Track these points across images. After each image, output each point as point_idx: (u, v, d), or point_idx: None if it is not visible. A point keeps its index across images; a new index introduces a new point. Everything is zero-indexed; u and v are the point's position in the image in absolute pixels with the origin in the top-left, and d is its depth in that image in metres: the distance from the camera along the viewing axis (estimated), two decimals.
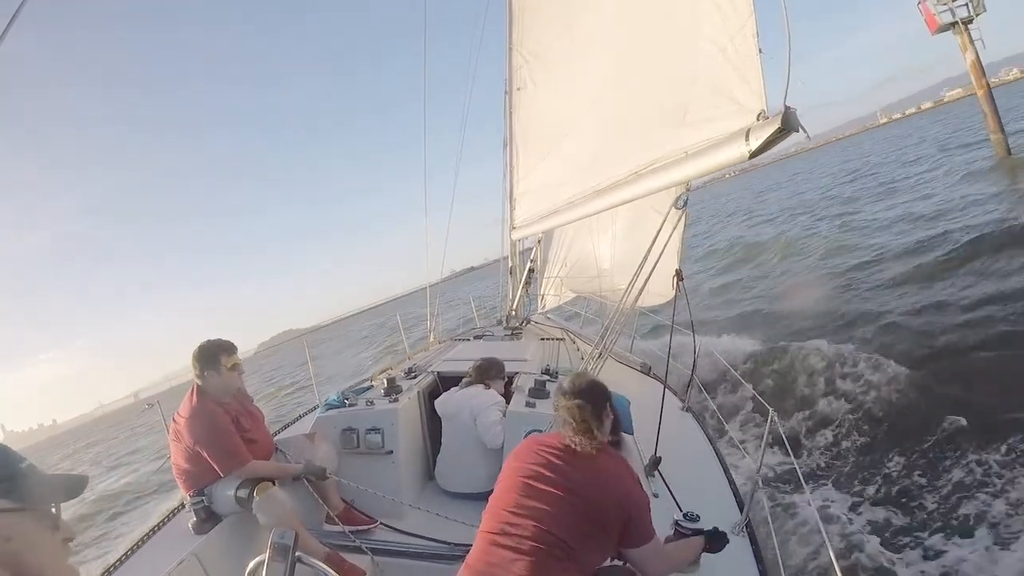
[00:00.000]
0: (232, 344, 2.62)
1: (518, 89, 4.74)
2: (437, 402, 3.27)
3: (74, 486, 0.75)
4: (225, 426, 2.47)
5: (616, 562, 1.72)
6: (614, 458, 1.71)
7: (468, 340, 5.23)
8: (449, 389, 3.33)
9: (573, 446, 1.67)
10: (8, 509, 0.66)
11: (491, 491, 1.69)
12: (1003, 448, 4.34)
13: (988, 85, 17.72)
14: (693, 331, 3.57)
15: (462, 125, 6.78)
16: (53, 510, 0.72)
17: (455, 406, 3.15)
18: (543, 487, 1.61)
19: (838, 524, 4.07)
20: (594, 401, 1.71)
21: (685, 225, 3.43)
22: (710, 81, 2.09)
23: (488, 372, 3.28)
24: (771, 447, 2.28)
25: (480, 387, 3.20)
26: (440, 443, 3.23)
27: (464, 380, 3.30)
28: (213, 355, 2.52)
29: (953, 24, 17.28)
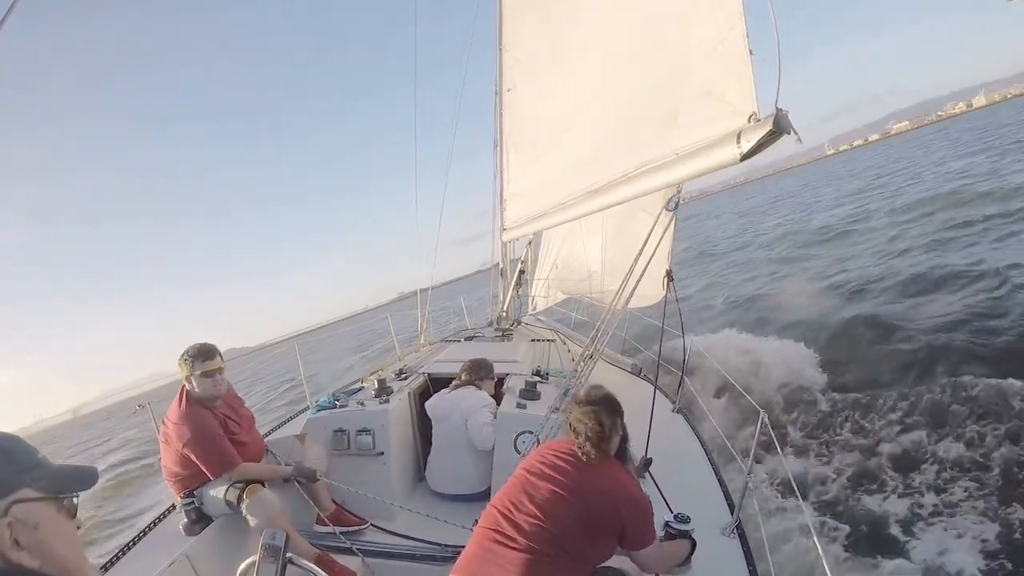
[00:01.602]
0: (210, 349, 2.54)
1: (508, 90, 4.74)
2: (428, 404, 3.26)
3: (87, 477, 0.78)
4: (213, 429, 2.45)
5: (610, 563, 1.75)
6: (620, 468, 1.76)
7: (459, 342, 5.22)
8: (440, 390, 3.32)
9: (581, 453, 1.70)
10: (35, 499, 0.69)
11: (482, 492, 1.70)
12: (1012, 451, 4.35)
13: None
14: (683, 332, 3.57)
15: (452, 126, 6.77)
16: (73, 500, 0.75)
17: (445, 408, 3.14)
18: (545, 485, 1.64)
19: (828, 525, 4.10)
20: (607, 414, 1.74)
21: (675, 227, 3.44)
22: (701, 83, 2.09)
23: (478, 372, 3.28)
24: (761, 448, 2.30)
25: (471, 388, 3.20)
26: (431, 444, 3.22)
27: (454, 382, 3.30)
28: (190, 361, 2.49)
29: None
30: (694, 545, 1.89)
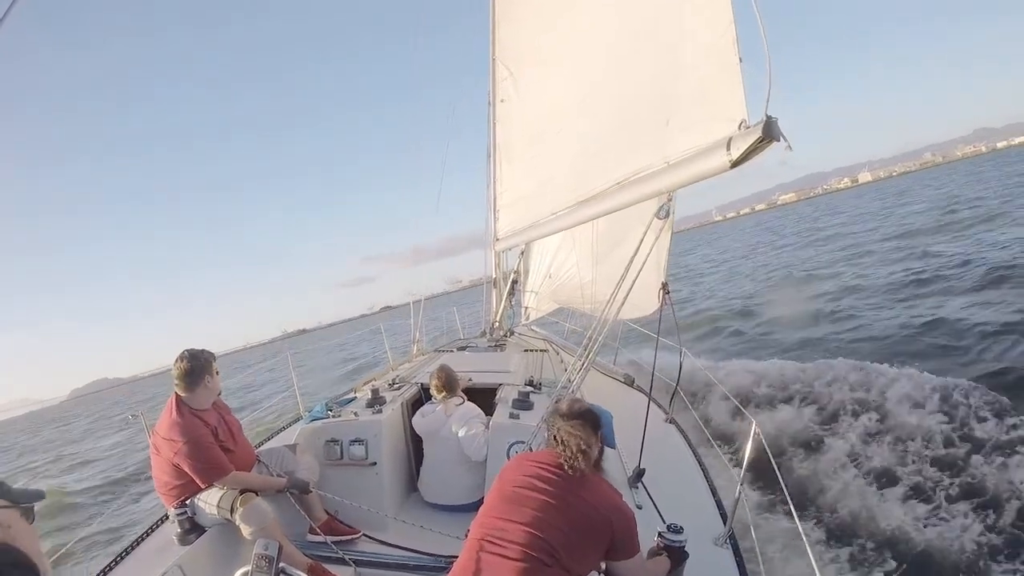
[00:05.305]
0: (210, 353, 2.63)
1: (501, 101, 4.77)
2: (414, 421, 3.22)
3: (37, 494, 0.89)
4: (204, 438, 2.44)
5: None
6: (602, 480, 1.78)
7: (452, 352, 5.21)
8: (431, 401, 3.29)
9: (567, 466, 1.70)
10: (4, 506, 0.80)
11: (474, 503, 1.69)
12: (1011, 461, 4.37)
13: None
14: (679, 343, 3.57)
15: (446, 141, 6.81)
16: (32, 509, 0.86)
17: (436, 420, 3.12)
18: (533, 495, 1.63)
19: (820, 536, 4.10)
20: (587, 428, 1.76)
21: (670, 236, 3.45)
22: (692, 91, 2.12)
23: (456, 381, 3.23)
24: (754, 459, 2.31)
25: (456, 399, 3.17)
26: (423, 454, 3.21)
27: (437, 396, 3.20)
28: (208, 363, 2.54)
29: None
30: (686, 556, 1.89)
